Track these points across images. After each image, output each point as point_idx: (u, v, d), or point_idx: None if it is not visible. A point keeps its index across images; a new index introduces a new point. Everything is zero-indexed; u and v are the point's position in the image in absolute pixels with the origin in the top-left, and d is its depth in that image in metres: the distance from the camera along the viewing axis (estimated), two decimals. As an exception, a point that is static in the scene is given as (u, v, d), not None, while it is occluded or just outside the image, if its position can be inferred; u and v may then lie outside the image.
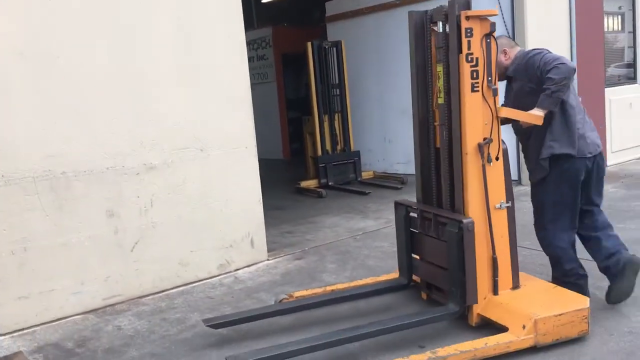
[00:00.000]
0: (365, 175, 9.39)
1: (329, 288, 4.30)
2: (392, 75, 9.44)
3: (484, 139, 3.50)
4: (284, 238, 6.23)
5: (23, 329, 4.18)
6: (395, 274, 4.31)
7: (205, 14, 5.00)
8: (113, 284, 4.60)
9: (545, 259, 4.04)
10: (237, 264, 5.24)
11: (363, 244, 5.76)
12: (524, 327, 3.28)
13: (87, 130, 4.43)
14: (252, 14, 16.05)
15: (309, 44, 9.05)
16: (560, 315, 3.34)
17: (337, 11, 10.60)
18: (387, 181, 8.98)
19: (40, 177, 4.23)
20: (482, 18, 3.44)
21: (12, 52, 4.09)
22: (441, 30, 3.61)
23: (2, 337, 4.08)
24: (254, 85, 14.50)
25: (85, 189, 4.43)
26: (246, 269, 5.25)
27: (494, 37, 3.48)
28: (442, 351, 3.20)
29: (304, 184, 8.91)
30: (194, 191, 4.97)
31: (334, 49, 9.21)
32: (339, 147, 9.28)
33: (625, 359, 3.21)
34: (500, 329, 3.40)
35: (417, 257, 4.11)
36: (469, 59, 3.43)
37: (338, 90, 9.22)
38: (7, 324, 4.14)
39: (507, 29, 7.81)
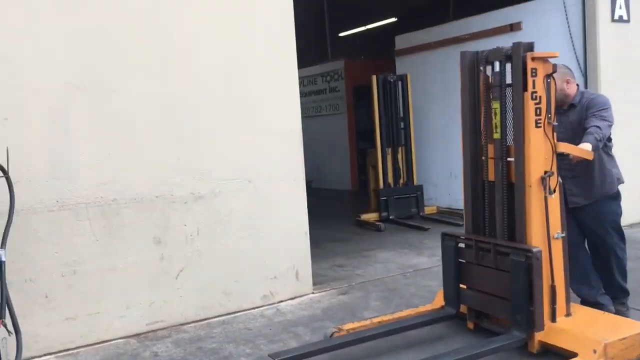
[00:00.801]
0: (428, 210, 9.22)
1: (375, 320, 4.30)
2: (457, 109, 9.21)
3: (545, 172, 3.71)
4: (333, 271, 6.20)
5: (68, 350, 4.35)
6: (434, 305, 4.39)
7: (258, 49, 5.12)
8: (157, 309, 4.71)
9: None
10: (280, 296, 5.25)
11: (412, 282, 5.63)
12: (594, 351, 3.41)
13: (139, 160, 4.61)
14: (327, 47, 16.35)
15: (374, 77, 9.08)
16: (624, 339, 3.49)
17: (406, 45, 10.59)
18: (449, 217, 8.77)
19: (92, 203, 4.44)
20: (545, 60, 3.70)
21: (71, 85, 4.35)
22: (498, 70, 3.88)
23: (48, 357, 4.25)
24: (325, 117, 14.75)
25: (134, 216, 4.60)
26: (289, 301, 5.24)
27: (554, 77, 3.74)
28: None
29: (365, 216, 8.85)
30: (240, 221, 5.05)
31: (399, 82, 9.17)
32: (401, 181, 9.18)
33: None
34: (564, 355, 3.53)
35: (465, 287, 4.18)
36: (534, 97, 3.66)
37: (402, 124, 9.15)
38: (53, 344, 4.32)
39: (579, 65, 7.56)
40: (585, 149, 3.82)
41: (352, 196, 12.70)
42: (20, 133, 4.19)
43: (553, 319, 3.74)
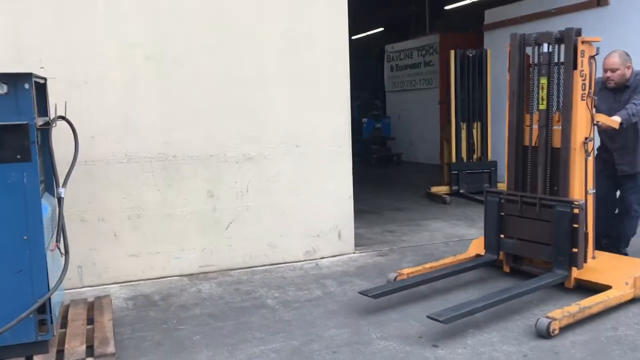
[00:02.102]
0: (502, 186, 9.22)
1: (427, 265, 5.03)
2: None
3: (586, 137, 4.45)
4: (382, 236, 6.59)
5: (131, 281, 5.13)
6: (468, 254, 5.21)
7: (310, 24, 5.55)
8: (208, 254, 5.38)
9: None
10: (322, 253, 5.74)
11: (450, 250, 5.90)
12: (626, 283, 4.23)
13: (197, 123, 5.25)
14: (425, 22, 16.33)
15: (452, 52, 9.19)
16: None
17: (495, 19, 10.52)
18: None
19: (155, 158, 5.15)
20: (590, 43, 4.41)
21: (141, 57, 5.04)
22: (546, 51, 4.59)
23: (114, 285, 5.06)
24: (419, 91, 14.84)
25: (191, 172, 5.27)
26: (331, 258, 5.73)
27: (594, 59, 4.45)
28: (584, 302, 4.02)
29: (435, 189, 9.08)
30: (287, 182, 5.57)
31: (479, 57, 9.20)
32: (475, 156, 9.28)
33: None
34: (598, 289, 4.28)
35: (504, 236, 4.91)
36: (581, 75, 4.39)
37: (479, 99, 9.21)
38: (119, 275, 5.12)
39: None
40: (614, 119, 4.60)
41: (438, 170, 12.83)
42: (99, 96, 4.95)
43: (585, 260, 4.45)
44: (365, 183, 10.77)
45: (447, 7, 16.99)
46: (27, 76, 3.21)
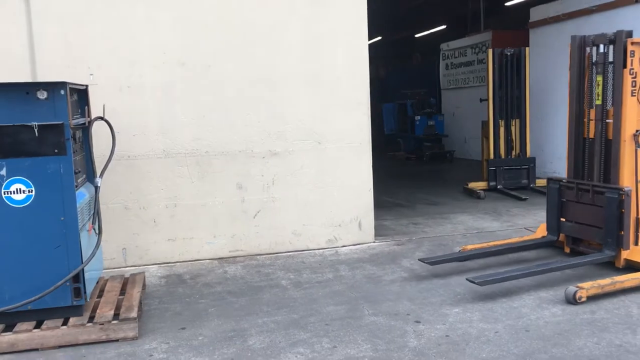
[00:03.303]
0: (541, 182, 9.35)
1: (491, 243, 5.71)
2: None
3: (637, 130, 4.89)
4: (406, 227, 6.96)
5: (168, 263, 5.77)
6: (536, 235, 5.81)
7: (331, 29, 5.99)
8: (237, 240, 5.96)
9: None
10: (343, 242, 6.20)
11: (466, 241, 6.20)
12: None
13: (227, 122, 5.82)
14: (480, 19, 16.36)
15: (490, 51, 9.38)
16: None
17: (539, 17, 10.59)
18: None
19: (189, 153, 5.76)
20: None
21: (177, 62, 5.67)
22: (602, 51, 5.12)
23: (153, 266, 5.71)
24: (472, 88, 14.96)
25: (222, 166, 5.85)
26: (351, 247, 6.17)
27: None
28: (618, 277, 4.52)
29: (472, 184, 9.30)
30: (310, 176, 6.06)
31: (517, 55, 9.34)
32: (514, 153, 9.43)
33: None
34: None
35: (564, 220, 5.43)
36: (631, 73, 4.88)
37: (518, 97, 9.35)
38: (158, 257, 5.78)
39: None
40: None
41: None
42: (139, 98, 5.62)
43: (636, 242, 4.94)
44: (410, 179, 11.13)
45: (507, 4, 16.96)
46: (63, 84, 3.84)
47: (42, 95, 3.82)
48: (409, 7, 18.12)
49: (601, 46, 5.18)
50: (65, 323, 3.97)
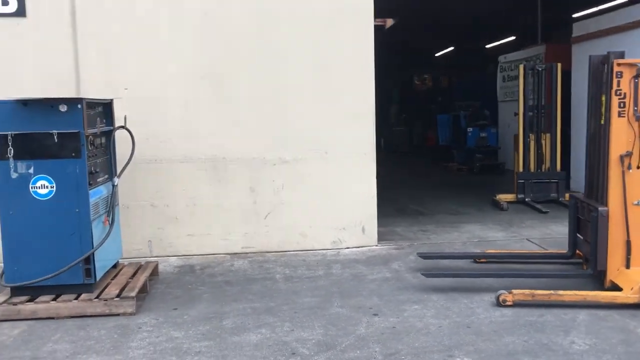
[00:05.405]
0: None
1: (507, 250, 6.26)
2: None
3: (627, 151, 4.86)
4: (412, 234, 7.39)
5: (187, 255, 6.52)
6: (560, 250, 5.99)
7: (340, 50, 6.56)
8: (249, 238, 6.63)
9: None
10: (347, 244, 6.73)
11: (462, 249, 6.57)
12: (632, 288, 4.63)
13: (241, 131, 6.52)
14: (537, 31, 16.31)
15: (521, 66, 9.61)
16: None
17: (580, 32, 10.65)
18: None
19: (208, 159, 6.50)
20: (631, 65, 4.89)
21: (198, 77, 6.43)
22: (605, 71, 5.14)
23: (174, 257, 6.48)
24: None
25: (236, 171, 6.55)
26: (353, 249, 6.69)
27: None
28: (562, 291, 4.72)
29: (500, 196, 9.52)
30: (316, 182, 6.64)
31: (548, 70, 9.51)
32: (544, 166, 9.58)
33: None
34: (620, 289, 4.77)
35: (580, 236, 5.53)
36: (618, 93, 4.90)
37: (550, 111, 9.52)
38: (179, 250, 6.55)
39: None
40: None
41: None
42: (165, 109, 6.42)
43: (627, 266, 4.90)
44: (448, 189, 11.42)
45: (574, 15, 16.80)
46: (80, 100, 4.67)
47: (63, 108, 4.64)
48: (479, 18, 18.29)
49: (606, 66, 5.25)
50: (77, 298, 4.77)
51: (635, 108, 4.82)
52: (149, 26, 6.35)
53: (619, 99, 4.88)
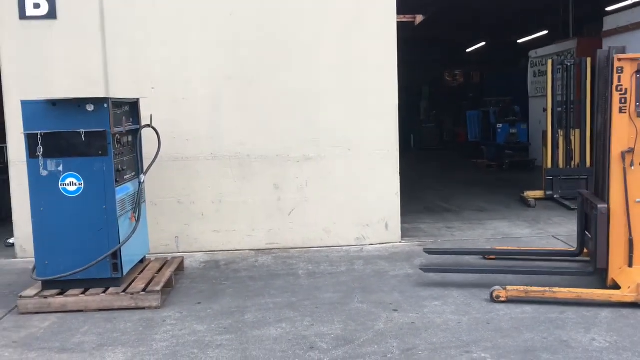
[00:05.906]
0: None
1: (516, 247, 6.34)
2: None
3: (629, 148, 4.75)
4: (437, 230, 7.39)
5: (212, 251, 6.64)
6: (571, 248, 5.99)
7: (362, 45, 6.59)
8: (273, 235, 6.72)
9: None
10: (371, 240, 6.76)
11: (485, 245, 6.54)
12: (629, 287, 4.57)
13: (266, 129, 6.61)
14: (569, 25, 16.03)
15: (549, 61, 9.48)
16: None
17: (610, 27, 10.47)
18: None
19: (233, 156, 6.61)
20: (632, 60, 4.76)
21: (223, 77, 6.54)
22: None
23: (200, 252, 6.61)
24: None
25: (261, 168, 6.64)
26: (377, 245, 6.72)
27: None
28: (557, 289, 4.70)
29: (528, 193, 9.42)
30: (340, 179, 6.69)
31: (577, 66, 9.38)
32: (573, 162, 9.45)
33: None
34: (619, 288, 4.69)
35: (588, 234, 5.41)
36: (619, 89, 4.78)
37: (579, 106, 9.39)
38: (204, 246, 6.67)
39: None
40: None
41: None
42: (192, 108, 6.54)
43: (630, 264, 4.77)
44: (478, 186, 11.33)
45: (608, 9, 16.48)
46: (106, 99, 4.80)
47: (90, 108, 4.78)
48: (513, 12, 18.05)
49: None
50: (105, 291, 4.91)
51: (637, 104, 4.71)
52: (175, 27, 6.47)
53: (620, 94, 4.74)
